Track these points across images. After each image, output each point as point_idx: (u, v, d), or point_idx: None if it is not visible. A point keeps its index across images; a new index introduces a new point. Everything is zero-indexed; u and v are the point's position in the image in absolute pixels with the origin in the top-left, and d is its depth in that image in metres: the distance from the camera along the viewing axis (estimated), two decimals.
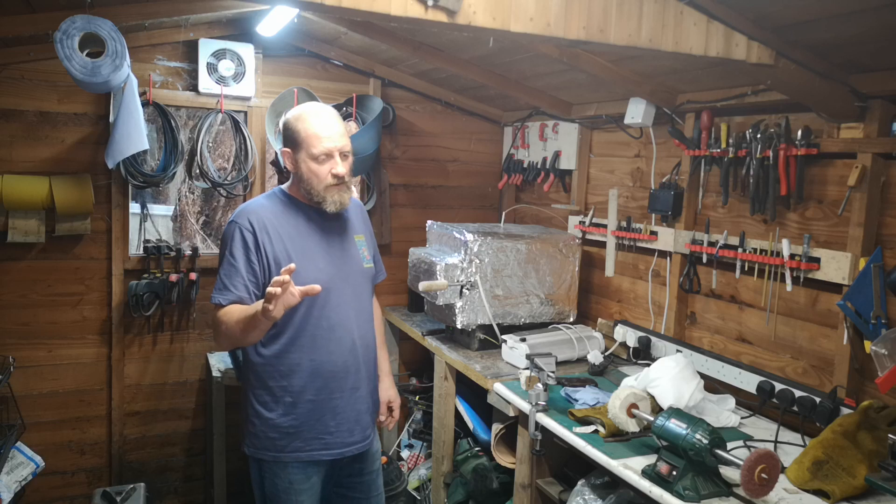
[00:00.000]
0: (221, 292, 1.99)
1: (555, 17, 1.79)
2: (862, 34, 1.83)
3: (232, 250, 2.01)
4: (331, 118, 2.03)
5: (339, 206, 2.06)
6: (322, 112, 2.04)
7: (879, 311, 2.06)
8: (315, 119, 2.01)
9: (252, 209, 2.06)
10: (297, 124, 2.02)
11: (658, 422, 1.95)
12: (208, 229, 4.42)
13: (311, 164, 2.00)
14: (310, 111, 2.04)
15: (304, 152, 2.01)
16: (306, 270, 1.99)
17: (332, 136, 2.00)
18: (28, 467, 3.01)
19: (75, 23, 2.39)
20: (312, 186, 2.03)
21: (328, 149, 1.99)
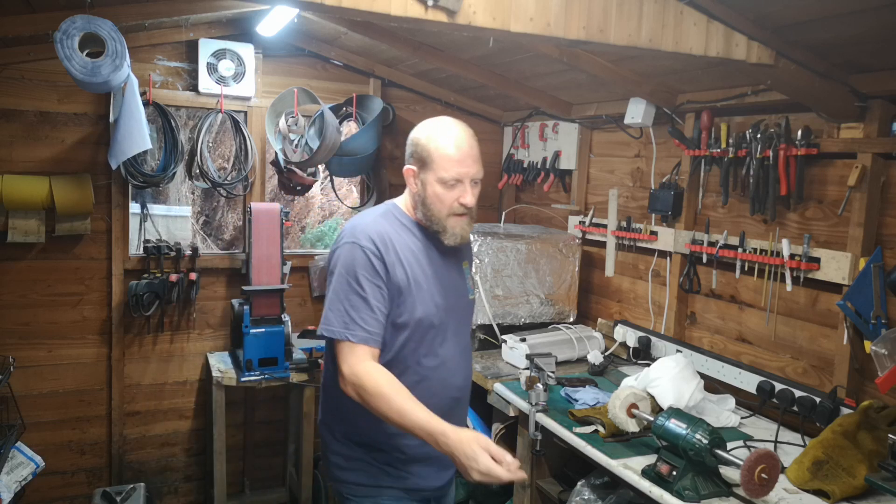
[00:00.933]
0: (349, 327, 1.71)
1: (555, 17, 1.79)
2: (862, 34, 1.83)
3: (357, 277, 1.73)
4: (467, 141, 1.78)
5: (459, 239, 1.83)
6: (459, 133, 1.78)
7: (879, 311, 2.06)
8: (450, 140, 1.77)
9: (373, 229, 1.80)
10: (428, 142, 1.79)
11: (658, 422, 1.95)
12: (208, 229, 4.43)
13: (437, 187, 1.78)
14: (445, 130, 1.79)
15: (432, 174, 1.78)
16: (424, 304, 1.80)
17: (467, 160, 1.76)
18: (28, 467, 3.00)
19: (75, 23, 2.39)
20: (433, 213, 1.80)
21: (460, 174, 1.76)
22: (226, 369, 3.28)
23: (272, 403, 3.76)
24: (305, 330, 3.52)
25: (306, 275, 3.73)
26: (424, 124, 1.83)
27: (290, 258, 3.61)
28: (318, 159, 3.29)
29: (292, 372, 3.27)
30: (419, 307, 1.78)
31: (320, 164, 3.42)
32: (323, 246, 6.73)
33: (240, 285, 3.47)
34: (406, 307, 1.78)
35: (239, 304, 3.26)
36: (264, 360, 3.21)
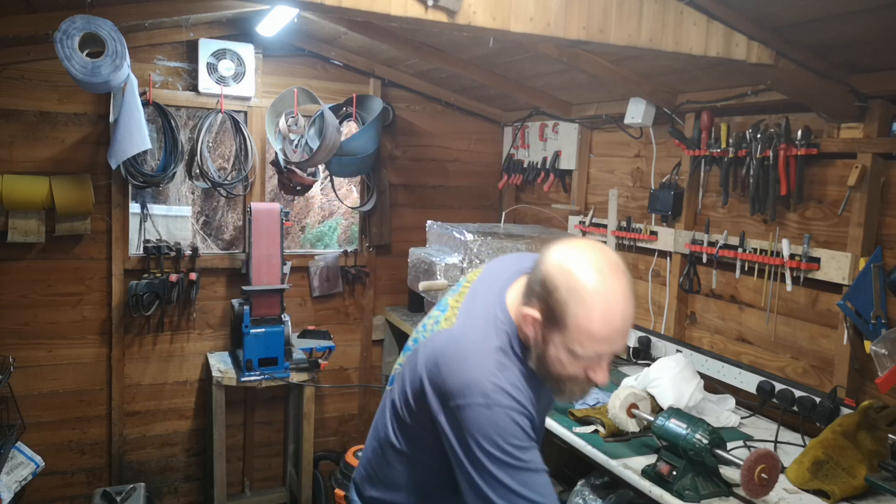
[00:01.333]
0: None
1: (555, 17, 1.79)
2: (862, 34, 1.83)
3: (524, 452, 1.28)
4: (622, 313, 1.27)
5: (572, 398, 1.43)
6: (613, 300, 1.25)
7: (879, 311, 2.06)
8: (600, 311, 1.25)
9: (504, 379, 1.31)
10: (569, 301, 1.25)
11: (658, 422, 1.95)
12: (208, 229, 4.43)
13: (564, 356, 1.31)
14: (596, 292, 1.24)
15: (560, 337, 1.29)
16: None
17: (615, 339, 1.30)
18: (28, 467, 3.00)
19: (75, 23, 2.39)
20: (551, 374, 1.35)
21: (600, 353, 1.31)
22: (226, 369, 3.28)
23: (272, 403, 3.77)
24: (305, 330, 3.52)
25: (306, 275, 3.73)
26: (568, 263, 1.26)
27: (290, 258, 3.62)
28: (318, 159, 3.29)
29: (292, 372, 3.27)
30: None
31: (320, 164, 3.42)
32: (323, 246, 6.73)
33: (240, 285, 3.47)
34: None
35: (239, 304, 3.26)
36: (264, 360, 3.21)
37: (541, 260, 1.32)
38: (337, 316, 3.85)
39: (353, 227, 5.83)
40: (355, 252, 3.85)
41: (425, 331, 1.49)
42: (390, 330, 3.88)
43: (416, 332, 1.54)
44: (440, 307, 1.52)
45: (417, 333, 1.53)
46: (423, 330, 1.50)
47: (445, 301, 1.52)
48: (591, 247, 1.30)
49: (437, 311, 1.51)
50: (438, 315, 1.48)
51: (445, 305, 1.49)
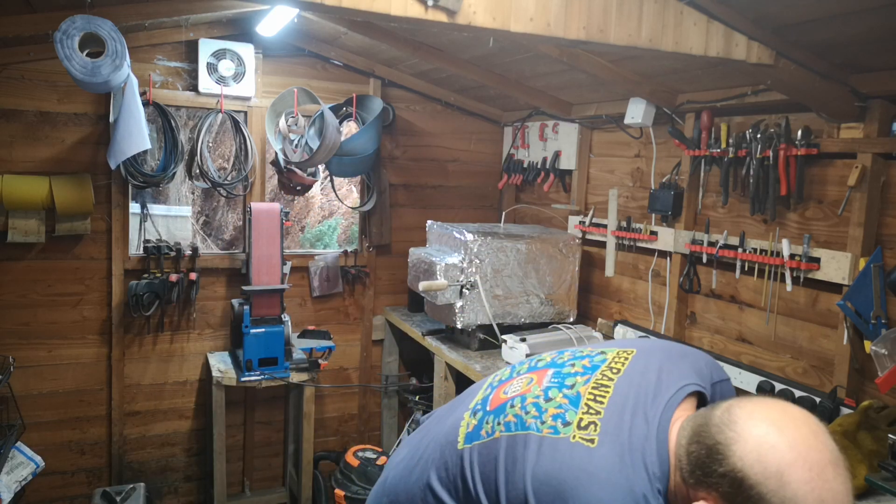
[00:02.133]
0: None
1: (555, 17, 1.79)
2: (862, 34, 1.83)
3: None
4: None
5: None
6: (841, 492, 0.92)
7: (879, 311, 2.06)
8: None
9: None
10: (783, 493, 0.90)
11: None
12: (208, 229, 4.43)
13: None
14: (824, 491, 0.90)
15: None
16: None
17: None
18: (28, 467, 3.01)
19: (75, 23, 2.39)
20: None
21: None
22: (226, 369, 3.28)
23: (272, 403, 3.77)
24: (305, 330, 3.53)
25: (306, 275, 3.73)
26: (779, 468, 0.91)
27: (290, 258, 3.62)
28: (318, 159, 3.29)
29: (292, 372, 3.27)
30: None
31: (320, 164, 3.42)
32: (322, 246, 6.73)
33: (240, 285, 3.47)
34: None
35: (239, 304, 3.26)
36: (264, 360, 3.21)
37: (725, 443, 0.95)
38: (337, 316, 3.85)
39: (353, 227, 5.83)
40: (355, 252, 3.85)
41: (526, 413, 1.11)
42: (390, 330, 3.88)
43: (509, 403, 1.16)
44: (564, 388, 1.12)
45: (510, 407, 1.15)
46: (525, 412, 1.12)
47: (573, 381, 1.13)
48: (797, 429, 0.94)
49: (561, 397, 1.11)
50: (565, 409, 1.09)
51: (576, 395, 1.10)
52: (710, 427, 0.97)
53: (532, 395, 1.13)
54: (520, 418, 1.11)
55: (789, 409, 0.97)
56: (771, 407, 0.97)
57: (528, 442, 1.06)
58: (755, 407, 0.97)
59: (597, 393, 1.09)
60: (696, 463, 0.98)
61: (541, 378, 1.16)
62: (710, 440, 0.96)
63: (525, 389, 1.16)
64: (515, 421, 1.11)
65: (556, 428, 1.06)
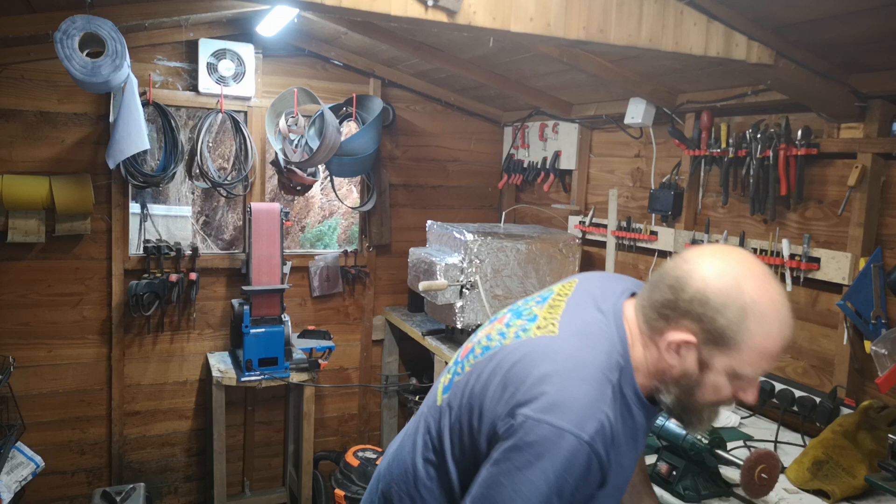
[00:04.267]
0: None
1: (555, 18, 1.79)
2: (862, 34, 1.83)
3: (570, 493, 1.08)
4: (791, 326, 1.13)
5: (703, 427, 1.26)
6: (787, 316, 1.12)
7: (879, 311, 2.06)
8: (779, 328, 1.10)
9: (610, 420, 1.10)
10: (743, 319, 1.08)
11: (658, 422, 1.95)
12: (208, 229, 4.43)
13: (724, 380, 1.14)
14: (776, 312, 1.10)
15: (730, 361, 1.12)
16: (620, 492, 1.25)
17: (780, 355, 1.15)
18: (28, 467, 3.00)
19: (75, 23, 2.39)
20: (693, 401, 1.18)
21: (765, 371, 1.16)
22: (226, 369, 3.28)
23: (272, 403, 3.77)
24: (305, 330, 3.53)
25: (306, 275, 3.73)
26: (732, 277, 1.09)
27: (290, 258, 3.62)
28: (318, 159, 3.29)
29: (292, 372, 3.27)
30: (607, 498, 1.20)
31: (320, 164, 3.42)
32: (322, 246, 6.73)
33: (240, 285, 3.47)
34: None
35: (239, 304, 3.26)
36: (264, 360, 3.21)
37: (683, 275, 1.11)
38: (337, 316, 3.85)
39: (353, 227, 5.83)
40: (355, 252, 3.85)
41: (490, 341, 1.25)
42: (390, 330, 3.88)
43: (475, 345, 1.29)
44: (522, 317, 1.26)
45: (476, 345, 1.28)
46: (490, 340, 1.25)
47: (529, 311, 1.27)
48: (740, 254, 1.14)
49: (519, 321, 1.24)
50: (524, 324, 1.22)
51: (532, 316, 1.24)
52: (666, 272, 1.15)
53: (495, 331, 1.27)
54: (485, 347, 1.25)
55: (728, 247, 1.20)
56: (710, 245, 1.21)
57: (496, 354, 1.19)
58: (698, 247, 1.18)
59: (551, 309, 1.24)
60: (662, 304, 1.13)
61: (501, 320, 1.30)
62: (670, 279, 1.13)
63: (487, 331, 1.30)
64: (481, 350, 1.25)
65: (518, 335, 1.20)
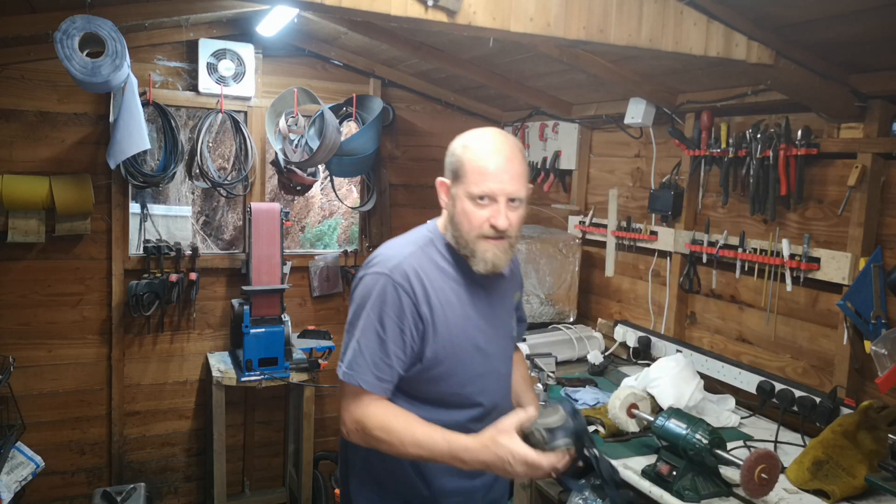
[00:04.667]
0: (360, 371, 1.50)
1: (555, 18, 1.79)
2: (862, 34, 1.83)
3: (382, 317, 1.50)
4: (507, 153, 1.53)
5: (489, 266, 1.55)
6: (499, 144, 1.54)
7: (879, 311, 2.06)
8: (487, 150, 1.52)
9: (409, 262, 1.55)
10: (464, 152, 1.54)
11: (658, 422, 1.95)
12: (208, 229, 4.43)
13: (466, 203, 1.53)
14: (484, 139, 1.55)
15: (462, 187, 1.53)
16: (465, 351, 1.58)
17: (503, 175, 1.51)
18: (28, 467, 3.00)
19: (75, 23, 2.39)
20: (462, 233, 1.55)
21: (492, 190, 1.50)
22: (226, 369, 3.28)
23: (272, 403, 3.77)
24: (305, 330, 3.52)
25: (306, 275, 3.73)
26: (466, 133, 1.59)
27: (290, 258, 3.61)
28: (318, 159, 3.29)
29: (292, 372, 3.27)
30: (458, 355, 1.56)
31: (320, 164, 3.42)
32: (322, 246, 6.73)
33: (240, 285, 3.47)
34: (441, 356, 1.55)
35: (239, 304, 3.26)
36: (264, 360, 3.21)
37: (454, 142, 1.61)
38: (337, 316, 3.85)
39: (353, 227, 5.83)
40: (355, 252, 3.85)
41: None
42: None
43: None
44: None
45: None
46: None
47: None
48: (487, 127, 1.61)
49: None
50: None
51: None
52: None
53: None
54: None
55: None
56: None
57: None
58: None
59: None
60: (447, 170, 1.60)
61: None
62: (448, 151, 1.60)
63: None
64: None
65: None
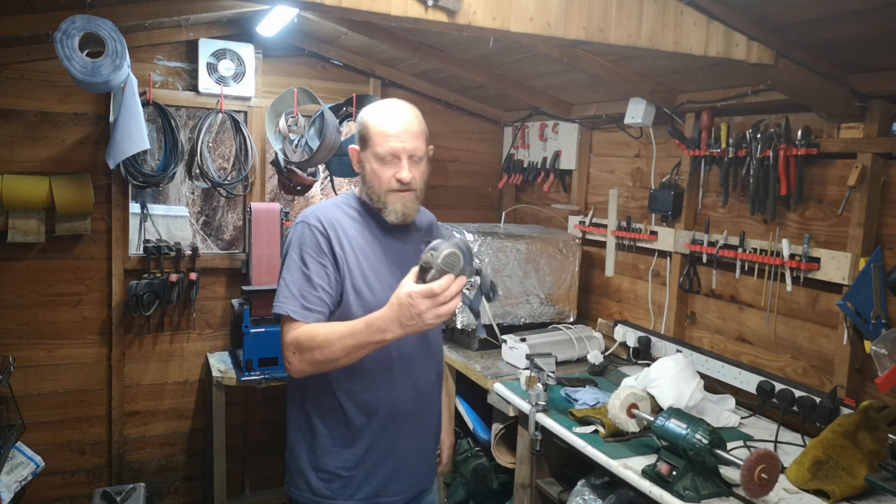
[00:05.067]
0: (291, 303, 1.69)
1: (555, 17, 1.79)
2: (862, 34, 1.83)
3: (303, 255, 1.72)
4: (404, 116, 1.76)
5: (400, 216, 1.77)
6: (397, 110, 1.77)
7: (879, 311, 2.06)
8: (387, 116, 1.75)
9: (323, 213, 1.79)
10: (367, 119, 1.78)
11: (658, 422, 1.95)
12: (208, 229, 4.42)
13: (374, 164, 1.75)
14: (383, 107, 1.79)
15: (370, 151, 1.76)
16: (382, 289, 1.74)
17: (402, 136, 1.73)
18: (28, 467, 3.00)
19: (75, 23, 2.39)
20: (373, 190, 1.77)
21: (394, 149, 1.73)
22: (226, 369, 3.28)
23: (272, 403, 3.76)
24: None
25: None
26: (370, 105, 1.83)
27: None
28: (318, 159, 3.29)
29: None
30: (375, 297, 1.73)
31: (320, 164, 3.42)
32: None
33: (240, 285, 3.47)
34: (357, 296, 1.74)
35: (239, 304, 3.26)
36: (264, 360, 3.21)
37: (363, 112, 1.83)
38: None
39: None
40: None
41: None
42: None
43: None
44: None
45: None
46: None
47: None
48: (396, 101, 1.82)
49: None
50: None
51: None
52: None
53: None
54: None
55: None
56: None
57: None
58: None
59: None
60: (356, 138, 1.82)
61: None
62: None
63: None
64: None
65: None
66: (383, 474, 1.80)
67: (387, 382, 1.78)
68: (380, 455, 1.79)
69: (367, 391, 1.77)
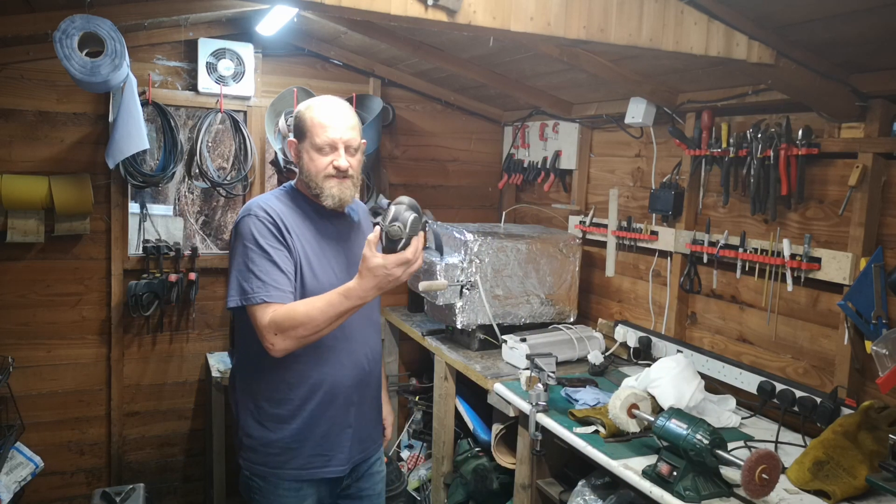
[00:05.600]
0: (264, 290, 1.79)
1: (555, 17, 1.79)
2: (862, 34, 1.83)
3: (259, 242, 1.83)
4: (340, 110, 1.91)
5: (336, 200, 1.91)
6: (332, 103, 1.92)
7: (880, 311, 2.05)
8: (323, 109, 1.90)
9: (266, 203, 1.91)
10: (305, 113, 1.92)
11: (658, 422, 1.95)
12: (208, 229, 4.42)
13: (312, 153, 1.89)
14: (320, 101, 1.93)
15: (307, 142, 1.89)
16: (324, 274, 1.91)
17: (338, 126, 1.88)
18: (27, 468, 3.00)
19: (75, 22, 2.39)
20: (311, 177, 1.90)
21: (331, 139, 1.87)
22: (225, 369, 3.27)
23: None
24: None
25: None
26: (307, 100, 1.97)
27: None
28: None
29: None
30: (318, 278, 1.88)
31: None
32: None
33: None
34: (304, 277, 1.87)
35: None
36: None
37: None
38: None
39: None
40: None
41: None
42: (390, 330, 3.87)
43: None
44: None
45: None
46: None
47: None
48: (330, 97, 1.95)
49: None
50: None
51: None
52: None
53: None
54: None
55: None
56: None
57: None
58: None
59: None
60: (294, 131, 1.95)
61: None
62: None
63: None
64: None
65: None
66: (330, 444, 1.96)
67: (332, 359, 1.93)
68: (327, 426, 1.95)
69: (315, 369, 1.91)
